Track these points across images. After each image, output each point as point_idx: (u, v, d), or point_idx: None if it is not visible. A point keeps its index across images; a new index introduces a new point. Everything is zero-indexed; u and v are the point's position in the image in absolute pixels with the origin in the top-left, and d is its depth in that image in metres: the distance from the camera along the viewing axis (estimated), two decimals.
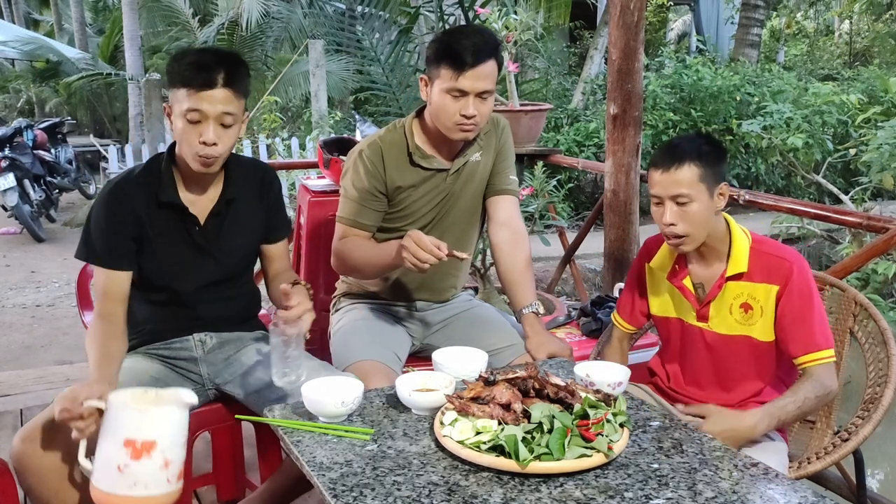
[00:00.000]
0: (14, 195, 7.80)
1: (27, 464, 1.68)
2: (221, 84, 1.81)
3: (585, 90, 10.40)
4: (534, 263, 2.32)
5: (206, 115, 1.81)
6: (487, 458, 1.39)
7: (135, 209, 1.91)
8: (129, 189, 1.93)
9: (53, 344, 4.91)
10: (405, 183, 2.19)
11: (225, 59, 1.85)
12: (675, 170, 1.82)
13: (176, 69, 1.83)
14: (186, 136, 1.84)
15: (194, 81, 1.80)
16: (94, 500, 1.51)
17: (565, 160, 4.50)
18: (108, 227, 1.90)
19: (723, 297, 1.91)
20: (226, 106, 1.83)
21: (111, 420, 1.50)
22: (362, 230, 2.19)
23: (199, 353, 2.07)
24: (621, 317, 2.15)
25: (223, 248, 2.01)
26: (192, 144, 1.84)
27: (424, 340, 2.34)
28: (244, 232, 2.05)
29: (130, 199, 1.91)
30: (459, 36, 2.06)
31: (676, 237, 1.86)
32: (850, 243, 5.38)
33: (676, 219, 1.83)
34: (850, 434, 1.94)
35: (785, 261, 1.86)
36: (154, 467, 1.49)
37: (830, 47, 17.50)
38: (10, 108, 15.29)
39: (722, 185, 1.86)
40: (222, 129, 1.85)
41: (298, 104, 10.85)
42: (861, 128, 6.91)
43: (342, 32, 8.95)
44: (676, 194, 1.82)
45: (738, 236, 1.90)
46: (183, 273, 1.98)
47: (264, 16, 10.08)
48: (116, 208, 1.91)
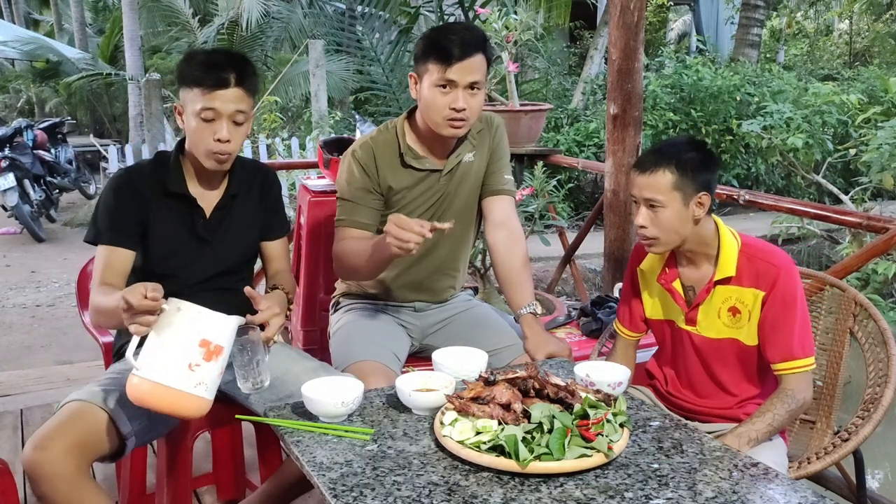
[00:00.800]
0: (14, 195, 7.80)
1: (41, 472, 1.67)
2: (234, 83, 1.88)
3: (585, 90, 10.40)
4: (534, 263, 2.32)
5: (219, 114, 1.88)
6: (487, 458, 1.39)
7: (142, 194, 1.97)
8: (138, 175, 2.00)
9: (53, 344, 4.92)
10: (398, 185, 2.19)
11: (235, 59, 1.92)
12: (650, 174, 1.82)
13: (188, 70, 1.89)
14: (200, 134, 1.90)
15: (207, 81, 1.86)
16: (133, 394, 1.60)
17: (565, 160, 4.50)
18: (115, 207, 1.96)
19: (711, 300, 1.90)
20: (238, 104, 1.90)
21: (185, 320, 1.60)
22: (361, 229, 2.17)
23: None
24: (623, 325, 2.14)
25: (223, 240, 2.04)
26: (206, 142, 1.90)
27: (424, 340, 2.34)
28: (244, 227, 2.08)
29: (139, 185, 1.98)
30: (446, 31, 2.08)
31: (646, 238, 1.87)
32: (850, 243, 5.38)
33: (647, 222, 1.84)
34: (850, 434, 1.94)
35: (772, 266, 1.84)
36: (216, 372, 1.63)
37: (830, 47, 17.50)
38: (10, 108, 15.29)
39: (702, 195, 1.83)
40: (235, 126, 1.91)
41: (298, 104, 10.85)
42: (861, 128, 6.91)
43: (342, 32, 8.96)
44: (649, 198, 1.82)
45: (726, 240, 1.89)
46: (183, 262, 2.01)
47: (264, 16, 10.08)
48: (124, 190, 1.97)
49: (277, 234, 2.17)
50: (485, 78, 2.10)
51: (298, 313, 2.95)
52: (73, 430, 1.72)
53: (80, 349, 4.63)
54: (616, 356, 2.16)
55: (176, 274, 2.00)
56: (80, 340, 4.76)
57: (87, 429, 1.75)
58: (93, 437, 1.75)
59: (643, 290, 2.06)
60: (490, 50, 2.13)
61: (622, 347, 2.15)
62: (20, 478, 2.68)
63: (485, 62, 2.08)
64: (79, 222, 8.82)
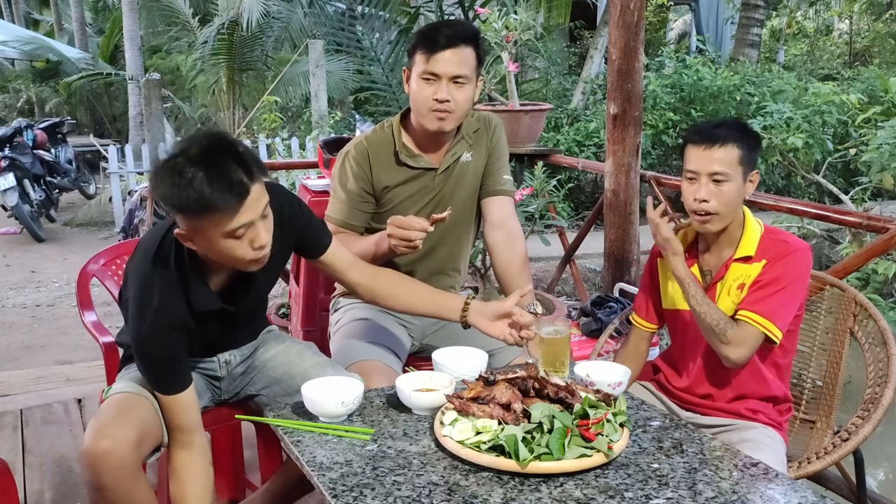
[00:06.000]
0: (14, 195, 7.80)
1: (106, 462, 1.63)
2: (252, 184, 1.57)
3: (585, 90, 10.39)
4: (534, 263, 2.33)
5: (251, 225, 1.60)
6: (487, 458, 1.39)
7: (182, 323, 1.71)
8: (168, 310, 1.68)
9: (53, 344, 4.91)
10: (392, 182, 2.20)
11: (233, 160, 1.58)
12: (717, 147, 1.85)
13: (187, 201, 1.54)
14: (238, 251, 1.62)
15: (227, 202, 1.55)
16: None
17: (565, 160, 4.50)
18: (163, 358, 1.71)
19: (726, 279, 1.93)
20: (263, 202, 1.62)
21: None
22: (351, 230, 2.22)
23: (223, 374, 2.03)
24: (639, 315, 2.14)
25: (249, 304, 1.88)
26: (245, 257, 1.64)
27: (424, 340, 2.34)
28: (268, 281, 1.95)
29: (173, 320, 1.68)
30: (437, 24, 2.13)
31: (705, 214, 1.88)
32: (850, 243, 5.38)
33: (710, 196, 1.86)
34: (850, 434, 1.94)
35: (787, 244, 1.89)
36: None
37: (830, 47, 17.48)
38: (10, 108, 15.28)
39: (753, 173, 1.90)
40: (263, 220, 1.63)
41: (298, 104, 10.84)
42: (861, 128, 6.90)
43: (342, 32, 8.95)
44: (717, 171, 1.85)
45: (751, 225, 1.94)
46: (213, 334, 1.86)
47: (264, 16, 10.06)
48: (164, 338, 1.68)
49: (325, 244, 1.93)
50: (474, 73, 2.10)
51: (298, 313, 2.95)
52: (134, 421, 1.69)
53: (80, 349, 4.63)
54: (628, 348, 2.16)
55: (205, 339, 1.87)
56: (80, 340, 4.76)
57: (145, 420, 1.73)
58: (150, 428, 1.73)
59: (662, 280, 2.07)
60: (482, 46, 2.14)
61: (635, 340, 2.16)
62: (20, 477, 2.69)
63: (474, 56, 2.08)
64: (79, 222, 8.83)
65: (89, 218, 8.98)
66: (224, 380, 2.05)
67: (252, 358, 2.06)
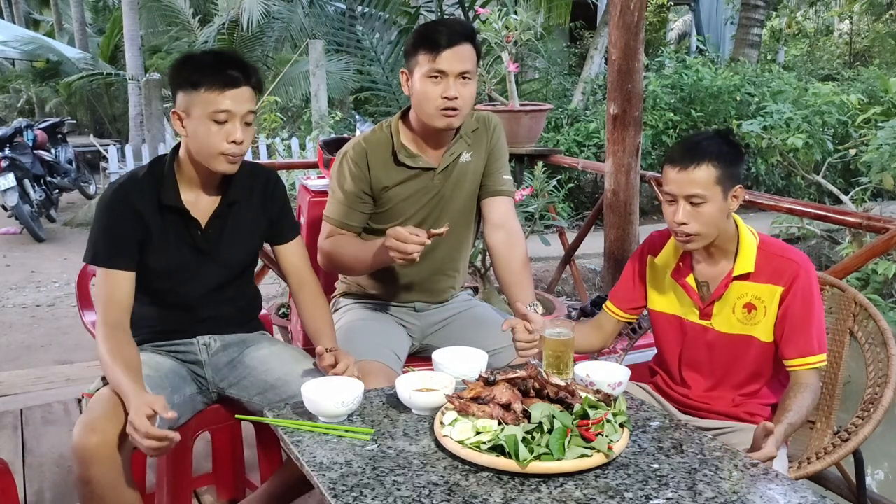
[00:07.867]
0: (14, 195, 7.80)
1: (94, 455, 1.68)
2: (244, 83, 1.85)
3: (585, 90, 10.39)
4: (534, 263, 2.33)
5: (233, 115, 1.84)
6: (487, 458, 1.39)
7: (138, 210, 1.91)
8: (133, 190, 1.92)
9: (53, 344, 4.92)
10: (391, 182, 2.20)
11: (237, 58, 1.89)
12: (692, 169, 1.81)
13: (191, 72, 1.84)
14: (212, 137, 1.84)
15: (218, 81, 1.82)
16: None
17: (565, 160, 4.50)
18: (110, 226, 1.90)
19: (727, 296, 1.91)
20: (249, 104, 1.87)
21: None
22: (349, 230, 2.23)
23: (203, 357, 2.06)
24: (614, 304, 2.12)
25: (224, 251, 2.01)
26: (218, 145, 1.85)
27: (424, 340, 2.34)
28: (245, 235, 2.04)
29: (134, 200, 1.91)
30: (433, 24, 2.14)
31: (686, 235, 1.85)
32: (850, 243, 5.38)
33: (689, 218, 1.82)
34: (850, 434, 1.94)
35: (792, 262, 1.86)
36: None
37: (830, 47, 17.48)
38: (10, 108, 15.27)
39: (737, 188, 1.85)
40: (245, 127, 1.88)
41: (298, 104, 10.84)
42: (861, 128, 6.90)
43: (342, 32, 8.96)
44: (691, 194, 1.81)
45: (746, 237, 1.90)
46: (185, 276, 1.98)
47: (265, 16, 10.07)
48: (120, 208, 1.90)
49: (291, 236, 2.12)
50: (475, 69, 2.12)
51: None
52: (122, 416, 1.71)
53: (80, 349, 4.63)
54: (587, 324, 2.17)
55: (177, 289, 1.99)
56: (80, 340, 4.76)
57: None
58: None
59: (650, 281, 2.06)
60: (479, 42, 2.16)
61: (602, 321, 2.14)
62: (20, 477, 2.69)
63: (474, 53, 2.11)
64: (79, 222, 8.82)
65: (89, 218, 8.97)
66: (207, 367, 2.05)
67: (241, 354, 2.07)
